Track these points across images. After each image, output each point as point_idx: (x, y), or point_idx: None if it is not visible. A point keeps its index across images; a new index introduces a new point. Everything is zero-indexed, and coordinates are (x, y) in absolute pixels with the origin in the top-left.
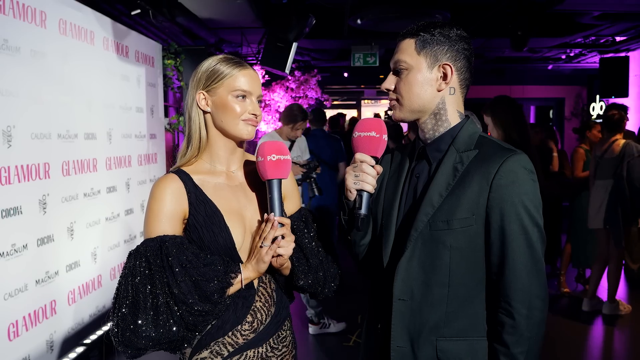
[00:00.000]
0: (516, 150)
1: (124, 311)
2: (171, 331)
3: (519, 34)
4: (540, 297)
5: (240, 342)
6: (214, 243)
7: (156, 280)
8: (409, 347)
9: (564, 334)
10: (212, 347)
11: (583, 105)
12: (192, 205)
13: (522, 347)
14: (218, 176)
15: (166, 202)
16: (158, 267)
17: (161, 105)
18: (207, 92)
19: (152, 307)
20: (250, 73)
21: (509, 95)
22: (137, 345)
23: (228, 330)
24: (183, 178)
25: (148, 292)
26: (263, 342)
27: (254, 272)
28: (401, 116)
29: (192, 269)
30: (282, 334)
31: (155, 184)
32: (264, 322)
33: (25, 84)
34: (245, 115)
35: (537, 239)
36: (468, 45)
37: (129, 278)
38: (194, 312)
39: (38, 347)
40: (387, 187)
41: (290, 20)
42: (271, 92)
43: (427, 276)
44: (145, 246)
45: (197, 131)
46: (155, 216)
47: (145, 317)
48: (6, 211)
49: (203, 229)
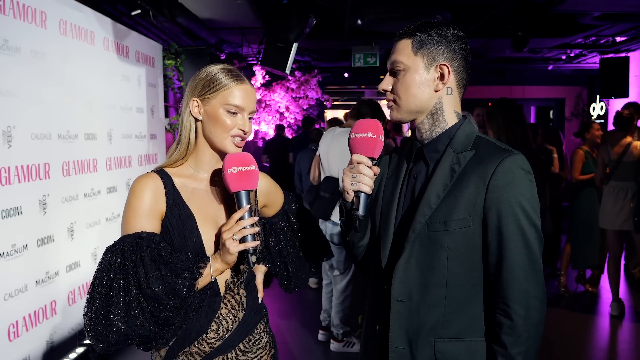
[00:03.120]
0: (513, 151)
1: (97, 305)
2: (142, 326)
3: (519, 35)
4: (538, 297)
5: (207, 350)
6: (184, 247)
7: (129, 276)
8: (407, 348)
9: (564, 334)
10: (180, 357)
11: (583, 105)
12: (169, 206)
13: (520, 348)
14: (199, 182)
15: (145, 200)
16: (132, 262)
17: (161, 105)
18: (200, 101)
19: (124, 302)
20: (246, 88)
21: (509, 96)
22: (108, 339)
23: (194, 339)
24: (164, 178)
25: (121, 287)
26: (231, 348)
27: (222, 264)
28: (399, 117)
29: (163, 266)
30: (255, 337)
31: (135, 181)
32: (230, 328)
33: (26, 84)
34: (234, 130)
35: (534, 240)
36: (465, 45)
37: (104, 273)
38: (163, 308)
39: (38, 347)
40: (386, 188)
41: (291, 20)
42: (271, 92)
43: (425, 277)
44: (122, 242)
45: (186, 136)
46: (134, 213)
47: (117, 312)
48: (6, 211)
49: (175, 232)
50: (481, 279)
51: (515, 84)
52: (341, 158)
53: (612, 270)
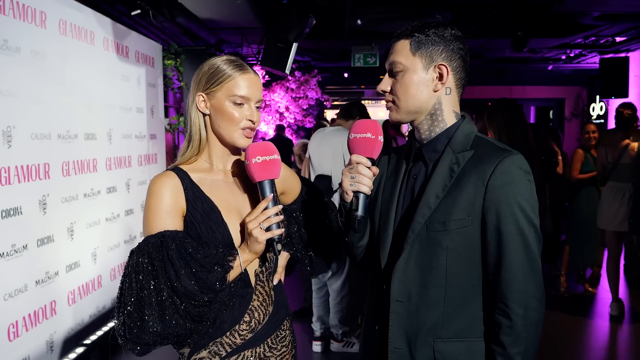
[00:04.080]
0: (512, 151)
1: (129, 309)
2: (178, 324)
3: (519, 35)
4: (536, 297)
5: (238, 342)
6: (212, 239)
7: (159, 276)
8: (407, 348)
9: (563, 334)
10: (210, 347)
11: (583, 105)
12: (189, 202)
13: (519, 348)
14: (216, 174)
15: (164, 198)
16: (160, 262)
17: (161, 105)
18: (206, 95)
19: (157, 303)
20: (250, 77)
21: (509, 96)
22: (145, 341)
23: (226, 330)
24: (180, 175)
25: (152, 288)
26: (261, 342)
27: (250, 255)
28: (398, 117)
29: (193, 262)
30: (281, 334)
31: (152, 181)
32: (262, 321)
33: (26, 85)
34: (244, 122)
35: (533, 239)
36: (463, 45)
37: (132, 275)
38: (197, 303)
39: (38, 347)
40: (385, 189)
41: (291, 20)
42: (271, 92)
43: (424, 277)
44: (147, 243)
45: (197, 132)
46: (155, 213)
47: (151, 313)
48: (6, 211)
49: (200, 225)
50: (480, 279)
51: (515, 84)
52: (333, 157)
53: (611, 271)
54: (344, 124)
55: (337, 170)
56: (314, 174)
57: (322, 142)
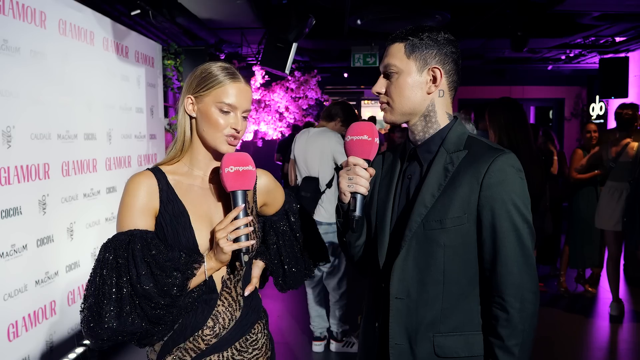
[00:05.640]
0: (504, 150)
1: (91, 300)
2: (134, 323)
3: (519, 35)
4: (532, 290)
5: (202, 347)
6: (176, 242)
7: (122, 273)
8: (407, 344)
9: (563, 334)
10: (174, 353)
11: (583, 105)
12: (163, 203)
13: (517, 339)
14: (193, 179)
15: (139, 197)
16: (124, 260)
17: (161, 105)
18: (195, 98)
19: (117, 299)
20: (240, 87)
21: (509, 96)
22: (100, 335)
23: (189, 335)
24: (157, 176)
25: (113, 284)
26: (227, 346)
27: (216, 263)
28: (392, 119)
29: (154, 264)
30: (252, 337)
31: (129, 179)
32: (227, 326)
33: (25, 85)
34: (227, 130)
35: (527, 235)
36: (455, 48)
37: (97, 270)
38: (154, 305)
39: (38, 347)
40: (380, 189)
41: (290, 20)
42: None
43: (422, 275)
44: (116, 239)
45: (181, 133)
46: (128, 210)
47: (109, 309)
48: (6, 211)
49: (168, 228)
50: (477, 274)
51: (514, 84)
52: (319, 158)
53: (611, 271)
54: (327, 125)
55: (324, 172)
56: (299, 176)
57: (307, 143)
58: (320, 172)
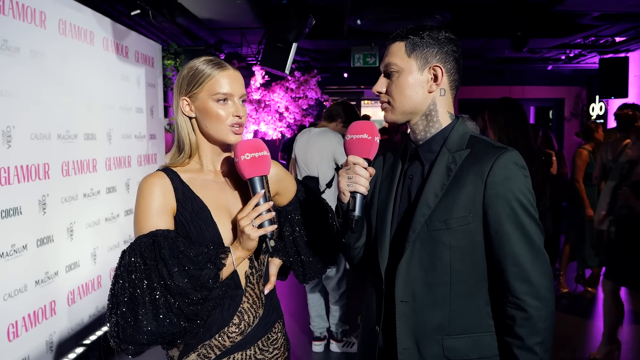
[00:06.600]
0: (507, 148)
1: (123, 309)
2: (172, 323)
3: (519, 35)
4: (547, 287)
5: (227, 345)
6: (201, 238)
7: (152, 275)
8: (415, 347)
9: (563, 334)
10: (199, 350)
11: (583, 105)
12: (179, 201)
13: (538, 338)
14: (206, 174)
15: (155, 198)
16: (153, 261)
17: (161, 105)
18: (189, 98)
19: (151, 302)
20: (230, 74)
21: (509, 96)
22: (139, 341)
23: (215, 333)
24: (170, 175)
25: (145, 287)
26: (251, 344)
27: (243, 252)
28: (393, 118)
29: (185, 260)
30: (273, 336)
31: (142, 182)
32: (252, 324)
33: (25, 85)
34: (230, 119)
35: (535, 231)
36: (456, 47)
37: (124, 275)
38: (190, 301)
39: (38, 347)
40: (381, 190)
41: (290, 20)
42: (271, 92)
43: (428, 276)
44: (139, 242)
45: (186, 136)
46: (146, 213)
47: (145, 312)
48: (6, 211)
49: (190, 225)
50: (484, 274)
51: (514, 84)
52: (319, 158)
53: None
54: (329, 125)
55: (324, 172)
56: (300, 175)
57: (308, 143)
58: (319, 172)
